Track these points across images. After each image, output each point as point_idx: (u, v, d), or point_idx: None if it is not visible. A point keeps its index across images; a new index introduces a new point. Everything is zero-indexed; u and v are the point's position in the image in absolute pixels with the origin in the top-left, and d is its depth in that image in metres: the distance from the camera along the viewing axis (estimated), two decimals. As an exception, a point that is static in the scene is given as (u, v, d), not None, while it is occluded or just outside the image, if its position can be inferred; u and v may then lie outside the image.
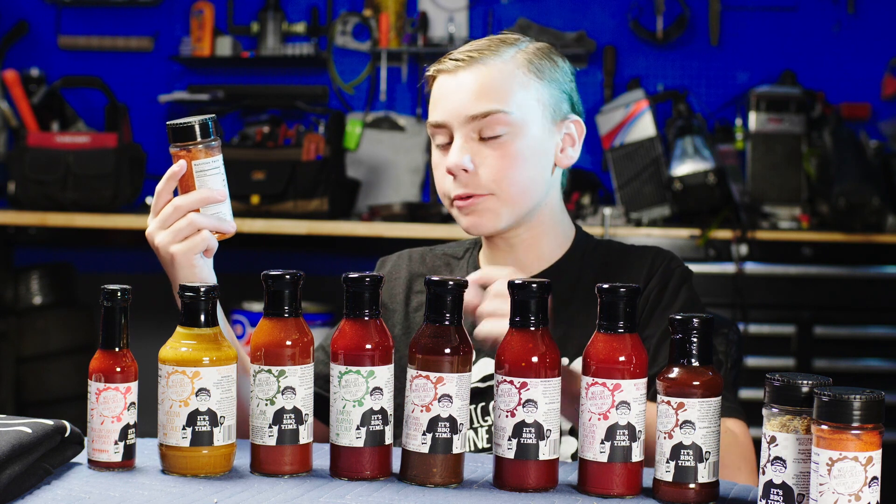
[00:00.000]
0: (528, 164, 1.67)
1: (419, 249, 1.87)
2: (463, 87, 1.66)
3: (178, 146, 1.55)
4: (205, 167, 1.55)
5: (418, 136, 4.52)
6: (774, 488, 1.21)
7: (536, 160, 1.68)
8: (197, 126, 1.53)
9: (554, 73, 1.70)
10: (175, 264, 1.55)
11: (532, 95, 1.67)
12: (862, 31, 4.41)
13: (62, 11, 4.70)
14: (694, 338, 1.30)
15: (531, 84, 1.67)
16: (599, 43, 4.47)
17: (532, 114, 1.67)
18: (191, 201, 1.54)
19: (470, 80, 1.66)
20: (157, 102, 4.60)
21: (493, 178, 1.66)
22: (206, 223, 1.54)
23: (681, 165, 3.90)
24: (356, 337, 1.35)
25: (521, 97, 1.66)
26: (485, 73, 1.66)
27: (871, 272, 3.83)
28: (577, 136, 1.73)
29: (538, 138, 1.68)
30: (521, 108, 1.66)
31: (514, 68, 1.67)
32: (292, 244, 4.15)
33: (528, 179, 1.67)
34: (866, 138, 4.07)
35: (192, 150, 1.54)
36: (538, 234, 1.73)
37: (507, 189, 1.66)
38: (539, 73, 1.68)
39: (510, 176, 1.66)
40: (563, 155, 1.72)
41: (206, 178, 1.55)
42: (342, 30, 4.59)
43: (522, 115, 1.66)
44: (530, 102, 1.67)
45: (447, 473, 1.34)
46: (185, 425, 1.34)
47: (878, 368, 3.84)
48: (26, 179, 4.08)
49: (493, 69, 1.66)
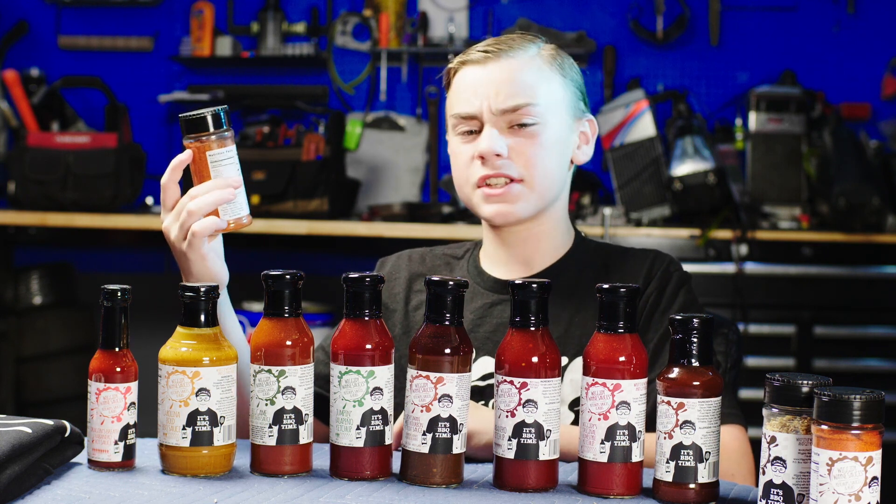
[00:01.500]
0: (554, 154, 1.71)
1: (419, 250, 1.88)
2: (493, 78, 1.69)
3: (191, 138, 1.54)
4: (219, 157, 1.54)
5: (418, 136, 4.52)
6: (774, 488, 1.21)
7: (560, 153, 1.72)
8: (210, 117, 1.53)
9: (572, 71, 1.74)
10: (188, 259, 1.55)
11: (556, 90, 1.71)
12: (862, 31, 4.41)
13: (62, 11, 4.70)
14: (694, 338, 1.30)
15: (555, 79, 1.71)
16: (599, 43, 4.47)
17: (556, 107, 1.71)
18: (204, 190, 1.54)
19: (500, 72, 1.69)
20: (157, 102, 4.60)
21: (524, 164, 1.69)
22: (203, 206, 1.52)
23: (681, 165, 3.90)
24: (356, 337, 1.35)
25: (547, 91, 1.70)
26: (514, 65, 1.69)
27: (871, 272, 3.83)
28: (591, 135, 1.78)
29: (561, 132, 1.72)
30: (547, 101, 1.69)
31: (541, 62, 1.71)
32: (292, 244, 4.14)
33: (554, 170, 1.71)
34: (866, 138, 4.07)
35: (206, 142, 1.54)
36: (546, 231, 1.74)
37: (536, 176, 1.69)
38: (561, 69, 1.72)
39: (540, 164, 1.69)
40: (579, 151, 1.76)
41: (221, 169, 1.55)
42: (342, 30, 4.59)
43: (549, 108, 1.70)
44: (555, 97, 1.71)
45: (447, 473, 1.34)
46: (185, 425, 1.34)
47: (878, 368, 3.84)
48: (26, 179, 4.08)
49: (521, 62, 1.70)
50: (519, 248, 1.75)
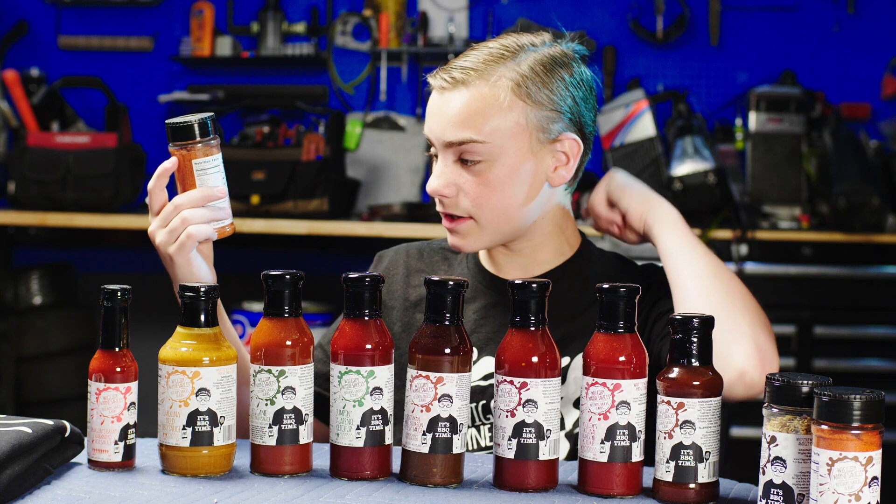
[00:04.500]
0: (506, 189, 1.65)
1: (416, 244, 1.87)
2: (444, 110, 1.65)
3: (177, 145, 1.55)
4: (205, 166, 1.55)
5: (418, 136, 4.52)
6: (774, 488, 1.21)
7: (517, 185, 1.66)
8: (196, 125, 1.53)
9: (548, 92, 1.65)
10: (174, 264, 1.56)
11: (514, 120, 1.64)
12: (862, 31, 4.41)
13: (62, 11, 4.70)
14: (694, 338, 1.30)
15: (515, 107, 1.64)
16: (599, 43, 4.47)
17: (511, 140, 1.64)
18: (191, 199, 1.55)
19: (450, 105, 1.65)
20: (157, 102, 4.60)
21: (471, 204, 1.66)
22: (199, 217, 1.54)
23: (681, 165, 3.90)
24: (356, 337, 1.35)
25: (498, 124, 1.63)
26: (465, 98, 1.63)
27: (871, 272, 3.83)
28: (572, 155, 1.70)
29: (518, 163, 1.65)
30: (498, 136, 1.63)
31: (498, 93, 1.63)
32: (292, 244, 4.15)
33: (506, 205, 1.66)
34: (866, 138, 4.07)
35: (192, 149, 1.54)
36: (538, 244, 1.73)
37: (485, 215, 1.66)
38: (527, 95, 1.64)
39: (487, 203, 1.65)
40: (555, 175, 1.69)
41: (206, 177, 1.55)
42: (342, 30, 4.59)
43: (500, 143, 1.63)
44: (510, 128, 1.64)
45: (447, 473, 1.34)
46: (185, 425, 1.34)
47: (878, 368, 3.84)
48: (26, 179, 4.08)
49: (475, 94, 1.63)
50: (512, 258, 1.74)
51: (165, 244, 1.56)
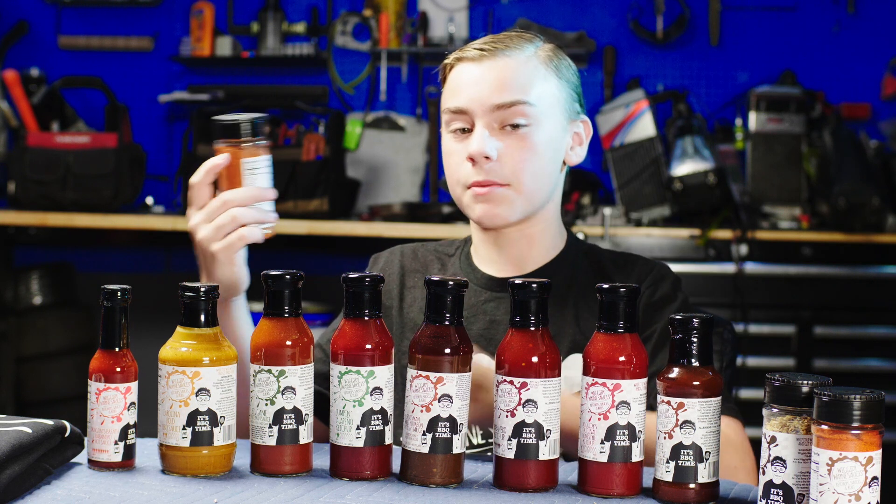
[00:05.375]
0: (545, 157, 1.69)
1: (410, 245, 1.88)
2: (487, 75, 1.67)
3: (227, 142, 1.53)
4: (254, 165, 1.54)
5: (418, 136, 4.52)
6: (774, 488, 1.21)
7: (552, 155, 1.70)
8: (249, 124, 1.52)
9: (568, 72, 1.73)
10: (216, 261, 1.55)
11: (551, 91, 1.69)
12: (862, 31, 4.41)
13: (62, 11, 4.70)
14: (694, 338, 1.30)
15: (551, 79, 1.70)
16: (599, 43, 4.47)
17: (550, 109, 1.69)
18: (241, 197, 1.54)
19: (495, 70, 1.67)
20: (157, 102, 4.60)
21: (512, 169, 1.67)
22: (250, 217, 1.54)
23: (681, 165, 3.90)
24: (356, 337, 1.35)
25: (541, 91, 1.68)
26: (510, 63, 1.68)
27: (871, 272, 3.83)
28: (584, 136, 1.76)
29: (554, 133, 1.70)
30: (541, 102, 1.68)
31: (537, 62, 1.69)
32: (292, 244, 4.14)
33: (544, 173, 1.70)
34: (866, 138, 4.07)
35: (243, 148, 1.53)
36: (538, 232, 1.74)
37: (525, 181, 1.68)
38: (557, 70, 1.71)
39: (529, 168, 1.67)
40: (572, 153, 1.75)
41: (255, 177, 1.54)
42: (342, 30, 4.59)
43: (542, 109, 1.68)
44: (549, 98, 1.69)
45: (447, 473, 1.34)
46: (185, 425, 1.34)
47: (878, 368, 3.84)
48: (26, 179, 4.08)
49: (518, 61, 1.68)
50: (510, 249, 1.75)
51: (209, 240, 1.54)
